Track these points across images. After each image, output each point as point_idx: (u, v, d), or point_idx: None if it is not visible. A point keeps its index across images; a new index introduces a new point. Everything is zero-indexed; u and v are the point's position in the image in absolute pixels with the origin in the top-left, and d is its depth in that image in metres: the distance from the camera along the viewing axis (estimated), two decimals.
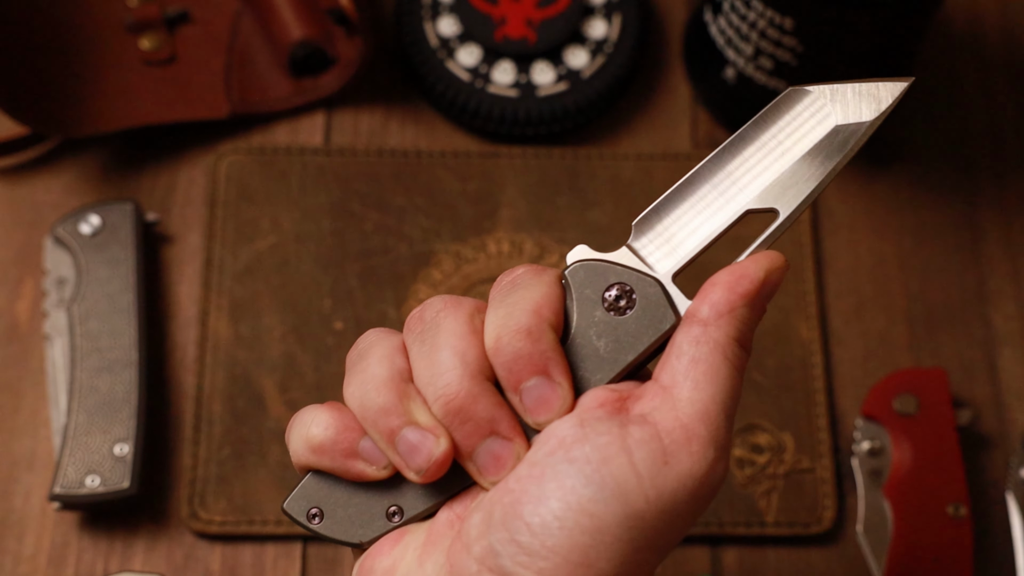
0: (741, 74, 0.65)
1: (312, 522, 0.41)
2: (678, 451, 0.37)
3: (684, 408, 0.37)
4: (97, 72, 0.67)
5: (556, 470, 0.37)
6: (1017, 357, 0.65)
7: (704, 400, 0.38)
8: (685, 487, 0.37)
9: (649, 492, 0.36)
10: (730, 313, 0.39)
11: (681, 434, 0.37)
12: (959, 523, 0.59)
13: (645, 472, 0.36)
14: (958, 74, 0.72)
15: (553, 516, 0.36)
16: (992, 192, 0.69)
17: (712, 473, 0.37)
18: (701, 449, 0.37)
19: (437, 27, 0.69)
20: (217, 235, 0.66)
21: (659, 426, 0.37)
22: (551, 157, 0.68)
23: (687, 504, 0.37)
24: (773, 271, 0.40)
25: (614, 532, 0.36)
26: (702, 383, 0.38)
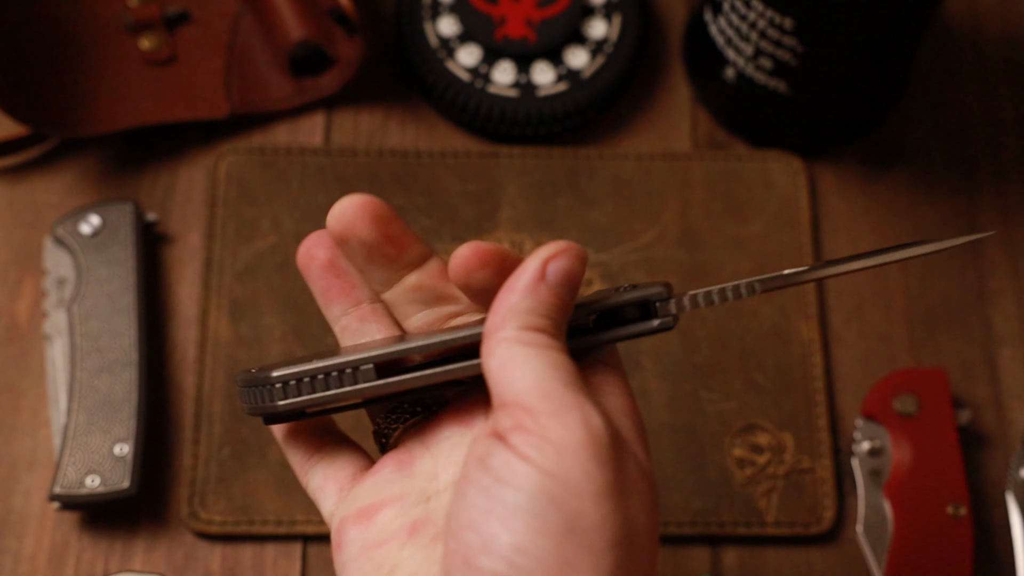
0: (741, 74, 0.65)
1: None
2: (552, 430, 0.35)
3: (524, 401, 0.36)
4: (97, 72, 0.67)
5: (480, 507, 0.35)
6: (1017, 357, 0.65)
7: (531, 382, 0.36)
8: (586, 458, 0.35)
9: (567, 484, 0.35)
10: (510, 310, 0.38)
11: (543, 417, 0.36)
12: (959, 523, 0.59)
13: (549, 466, 0.35)
14: (958, 74, 0.72)
15: (512, 550, 0.34)
16: (992, 192, 0.69)
17: (594, 430, 0.36)
18: (565, 416, 0.36)
19: (437, 27, 0.69)
20: (217, 235, 0.66)
21: (525, 424, 0.36)
22: (551, 157, 0.68)
23: (603, 474, 0.35)
24: (551, 257, 0.39)
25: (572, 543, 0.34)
26: (517, 374, 0.37)
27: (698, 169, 0.68)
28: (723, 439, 0.62)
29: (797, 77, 0.63)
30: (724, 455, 0.62)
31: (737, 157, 0.68)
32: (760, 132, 0.69)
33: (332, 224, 0.43)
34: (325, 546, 0.61)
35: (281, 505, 0.60)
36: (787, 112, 0.66)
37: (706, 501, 0.61)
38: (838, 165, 0.69)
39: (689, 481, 0.61)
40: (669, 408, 0.63)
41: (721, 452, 0.62)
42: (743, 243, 0.66)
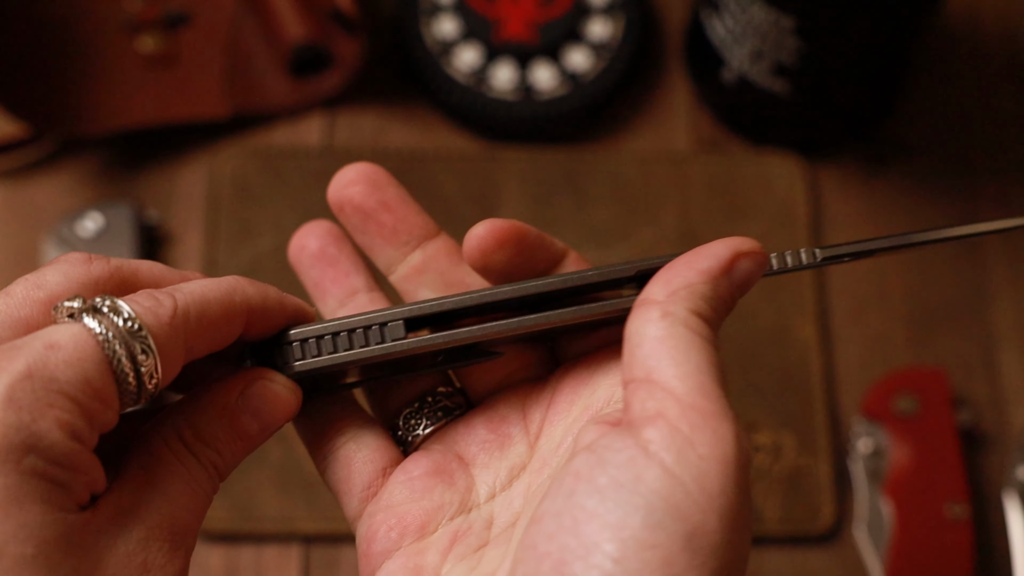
0: (741, 74, 0.65)
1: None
2: (700, 436, 0.32)
3: (677, 388, 0.32)
4: (97, 72, 0.67)
5: (587, 509, 0.31)
6: (1017, 357, 0.65)
7: (692, 373, 0.33)
8: (727, 475, 0.31)
9: (699, 497, 0.31)
10: (687, 288, 0.34)
11: (693, 416, 0.32)
12: (959, 523, 0.59)
13: (685, 474, 0.31)
14: (958, 74, 0.72)
15: (613, 561, 0.30)
16: (992, 192, 0.69)
17: (741, 449, 0.32)
18: (720, 424, 0.32)
19: (437, 28, 0.69)
20: (217, 235, 0.66)
21: (668, 416, 0.32)
22: (551, 157, 0.68)
23: (736, 497, 0.31)
24: (743, 254, 0.36)
25: (684, 559, 0.30)
26: (679, 358, 0.33)
27: (698, 169, 0.68)
28: None
29: (797, 77, 0.63)
30: None
31: (737, 157, 0.68)
32: (760, 132, 0.69)
33: (330, 194, 0.41)
34: (325, 546, 0.61)
35: (281, 505, 0.60)
36: (787, 112, 0.66)
37: None
38: (838, 165, 0.69)
39: None
40: None
41: None
42: None
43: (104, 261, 0.34)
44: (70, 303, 0.31)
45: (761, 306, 0.65)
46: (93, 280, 0.34)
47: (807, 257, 0.38)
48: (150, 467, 0.33)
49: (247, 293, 0.35)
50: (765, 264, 0.37)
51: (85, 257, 0.34)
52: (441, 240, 0.41)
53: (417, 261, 0.41)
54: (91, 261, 0.34)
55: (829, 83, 0.64)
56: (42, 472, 0.29)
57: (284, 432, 0.62)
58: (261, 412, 0.36)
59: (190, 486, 0.33)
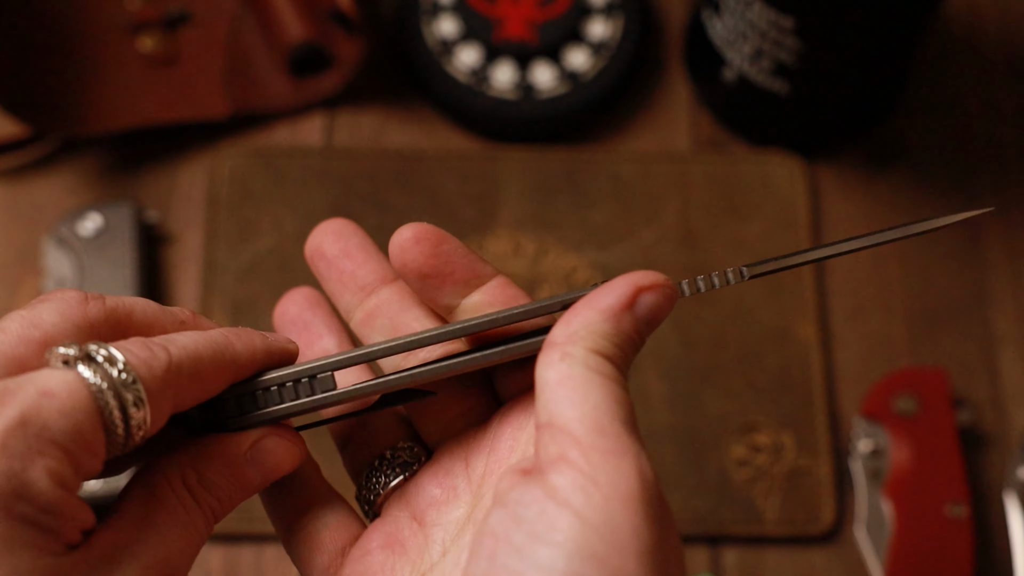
0: (741, 74, 0.65)
1: None
2: (604, 476, 0.32)
3: (576, 429, 0.32)
4: (97, 72, 0.67)
5: (510, 568, 0.31)
6: (1017, 357, 0.65)
7: (589, 412, 0.33)
8: (635, 512, 0.31)
9: (613, 540, 0.31)
10: (585, 327, 0.34)
11: (595, 455, 0.32)
12: (959, 523, 0.59)
13: (595, 517, 0.31)
14: (958, 74, 0.72)
15: None
16: (992, 192, 0.69)
17: (644, 483, 0.32)
18: (620, 462, 0.32)
19: (437, 28, 0.69)
20: (217, 235, 0.66)
21: (570, 460, 0.32)
22: (551, 157, 0.68)
23: (650, 533, 0.31)
24: (644, 288, 0.35)
25: None
26: (576, 399, 0.33)
27: (698, 169, 0.68)
28: (723, 439, 0.62)
29: (797, 77, 0.63)
30: (724, 455, 0.62)
31: (737, 157, 0.68)
32: (760, 132, 0.69)
33: (307, 247, 0.42)
34: None
35: None
36: (787, 112, 0.66)
37: (706, 501, 0.61)
38: (838, 165, 0.69)
39: (689, 481, 0.61)
40: (669, 408, 0.63)
41: (721, 452, 0.62)
42: (743, 243, 0.66)
43: (100, 302, 0.34)
44: (65, 349, 0.31)
45: (761, 306, 0.65)
46: (88, 322, 0.34)
47: (734, 276, 0.38)
48: (150, 506, 0.33)
49: (235, 350, 0.35)
50: (673, 296, 0.36)
51: (81, 297, 0.34)
52: (395, 286, 0.41)
53: (371, 306, 0.41)
54: (87, 302, 0.34)
55: (829, 83, 0.64)
56: (31, 518, 0.29)
57: None
58: (266, 466, 0.36)
59: (187, 528, 0.34)
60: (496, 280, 0.40)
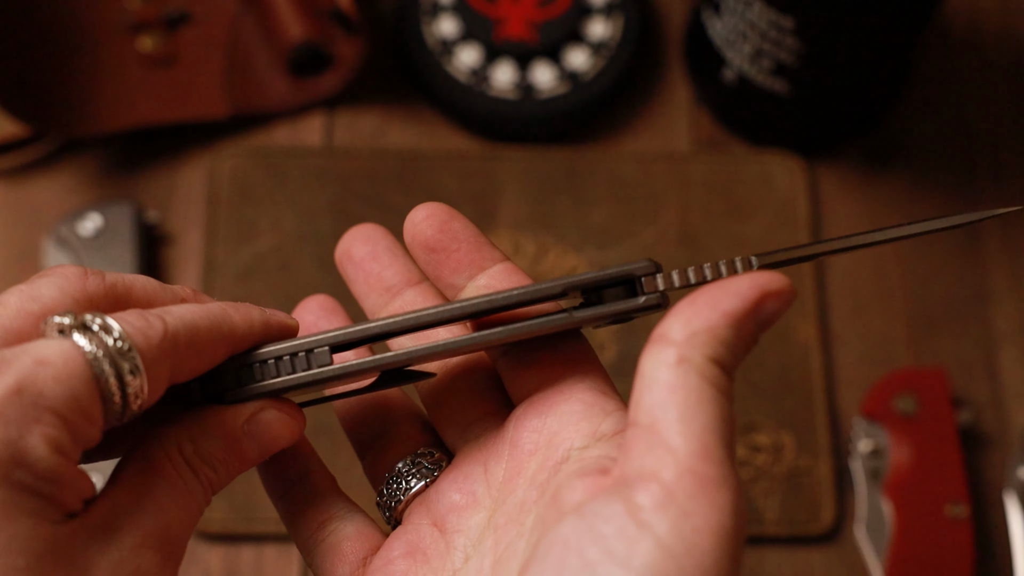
0: (741, 74, 0.65)
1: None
2: (697, 507, 0.30)
3: (680, 447, 0.31)
4: (97, 72, 0.67)
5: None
6: (1017, 357, 0.65)
7: (697, 432, 0.31)
8: (722, 548, 0.30)
9: (692, 572, 0.30)
10: (708, 331, 0.32)
11: (691, 482, 0.30)
12: (959, 523, 0.59)
13: (677, 547, 0.30)
14: (958, 74, 0.72)
15: None
16: (992, 192, 0.69)
17: (739, 519, 0.30)
18: (718, 493, 0.30)
19: (437, 28, 0.69)
20: (217, 235, 0.66)
21: (663, 480, 0.30)
22: (551, 157, 0.68)
23: (730, 568, 0.30)
24: (771, 296, 0.33)
25: None
26: (687, 413, 0.31)
27: (698, 169, 0.68)
28: None
29: (797, 77, 0.63)
30: None
31: (737, 157, 0.68)
32: (760, 132, 0.69)
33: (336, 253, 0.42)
34: None
35: None
36: (787, 112, 0.66)
37: None
38: (838, 165, 0.69)
39: None
40: None
41: None
42: (743, 243, 0.66)
43: (99, 277, 0.34)
44: (60, 319, 0.31)
45: None
46: (88, 296, 0.34)
47: (742, 265, 0.36)
48: (147, 476, 0.33)
49: (233, 322, 0.35)
50: (792, 302, 0.34)
51: (81, 271, 0.34)
52: (420, 287, 0.41)
53: (395, 307, 0.41)
54: (87, 276, 0.34)
55: (829, 83, 0.64)
56: (30, 486, 0.29)
57: None
58: (264, 439, 0.36)
59: (185, 498, 0.33)
60: (503, 265, 0.39)
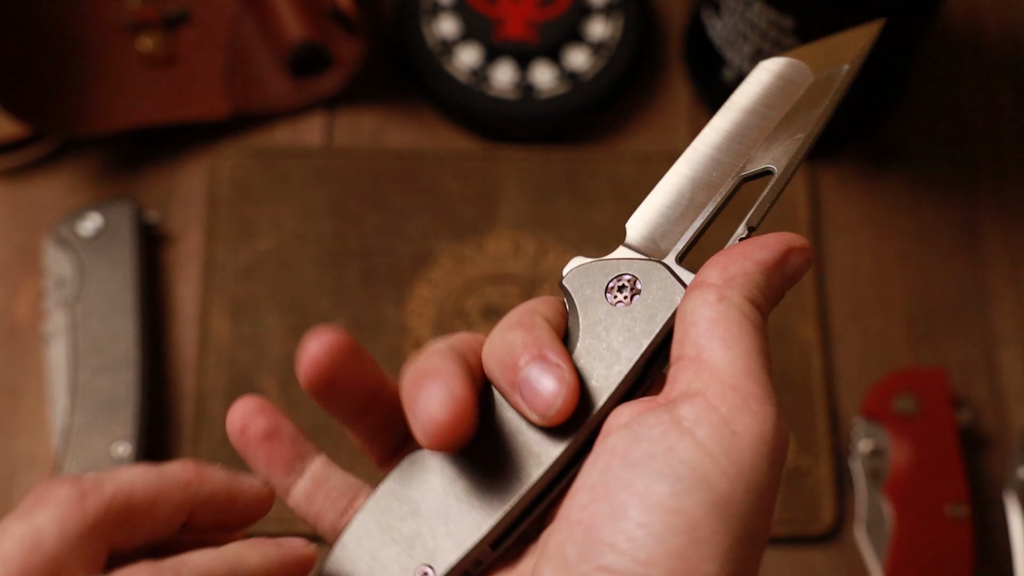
0: (741, 74, 0.65)
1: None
2: (739, 415, 0.33)
3: (724, 368, 0.33)
4: (97, 72, 0.67)
5: (620, 479, 0.32)
6: (1017, 357, 0.65)
7: (740, 356, 0.34)
8: (759, 453, 0.33)
9: (728, 469, 0.32)
10: (743, 275, 0.35)
11: (734, 396, 0.33)
12: (959, 523, 0.59)
13: (716, 448, 0.32)
14: (958, 74, 0.72)
15: (637, 525, 0.32)
16: (992, 192, 0.69)
17: (779, 430, 0.33)
18: (760, 406, 0.33)
19: (437, 28, 0.69)
20: (217, 235, 0.66)
21: (708, 396, 0.33)
22: (551, 157, 0.68)
23: (767, 473, 0.33)
24: (795, 251, 0.37)
25: (708, 524, 0.32)
26: (730, 340, 0.34)
27: None
28: None
29: None
30: None
31: None
32: None
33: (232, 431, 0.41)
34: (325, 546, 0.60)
35: (281, 505, 0.60)
36: None
37: None
38: (838, 165, 0.69)
39: None
40: None
41: None
42: None
43: (97, 495, 0.33)
44: None
45: None
46: (90, 526, 0.33)
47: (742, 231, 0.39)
48: None
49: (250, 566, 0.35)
50: (811, 262, 0.37)
51: (77, 494, 0.33)
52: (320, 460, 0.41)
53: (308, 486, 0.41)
54: (84, 499, 0.33)
55: None
56: None
57: None
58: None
59: None
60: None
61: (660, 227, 0.40)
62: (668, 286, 0.37)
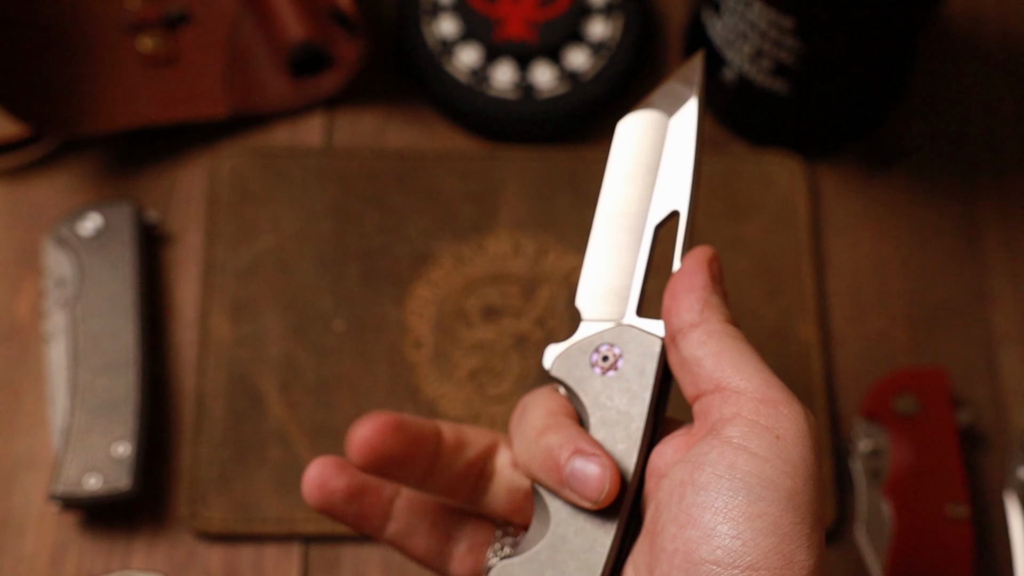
0: (741, 74, 0.65)
1: None
2: (776, 422, 0.38)
3: (747, 389, 0.38)
4: (97, 72, 0.67)
5: (698, 503, 0.37)
6: (1017, 357, 0.65)
7: (753, 373, 0.39)
8: (804, 446, 0.37)
9: (786, 468, 0.37)
10: (706, 305, 0.41)
11: (766, 408, 0.38)
12: (959, 523, 0.59)
13: (769, 453, 0.37)
14: (958, 74, 0.72)
15: (731, 537, 0.36)
16: (992, 192, 0.69)
17: (810, 421, 0.38)
18: (789, 408, 0.38)
19: (437, 28, 0.69)
20: (217, 235, 0.66)
21: (744, 415, 0.38)
22: (551, 157, 0.68)
23: (814, 461, 0.38)
24: (710, 259, 0.43)
25: (788, 519, 0.36)
26: (740, 364, 0.39)
27: None
28: None
29: (797, 77, 0.63)
30: None
31: (737, 157, 0.68)
32: (760, 132, 0.69)
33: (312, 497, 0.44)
34: (325, 546, 0.61)
35: (281, 505, 0.60)
36: (787, 112, 0.66)
37: None
38: (838, 165, 0.69)
39: None
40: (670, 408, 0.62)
41: None
42: (743, 243, 0.66)
43: None
44: None
45: (761, 307, 0.65)
46: None
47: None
48: None
49: None
50: (717, 256, 0.43)
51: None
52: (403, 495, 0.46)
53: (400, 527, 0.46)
54: None
55: (829, 83, 0.64)
56: None
57: (284, 431, 0.62)
58: None
59: None
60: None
61: (606, 295, 0.44)
62: (643, 340, 0.42)
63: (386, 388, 0.63)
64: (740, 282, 0.65)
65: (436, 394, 0.63)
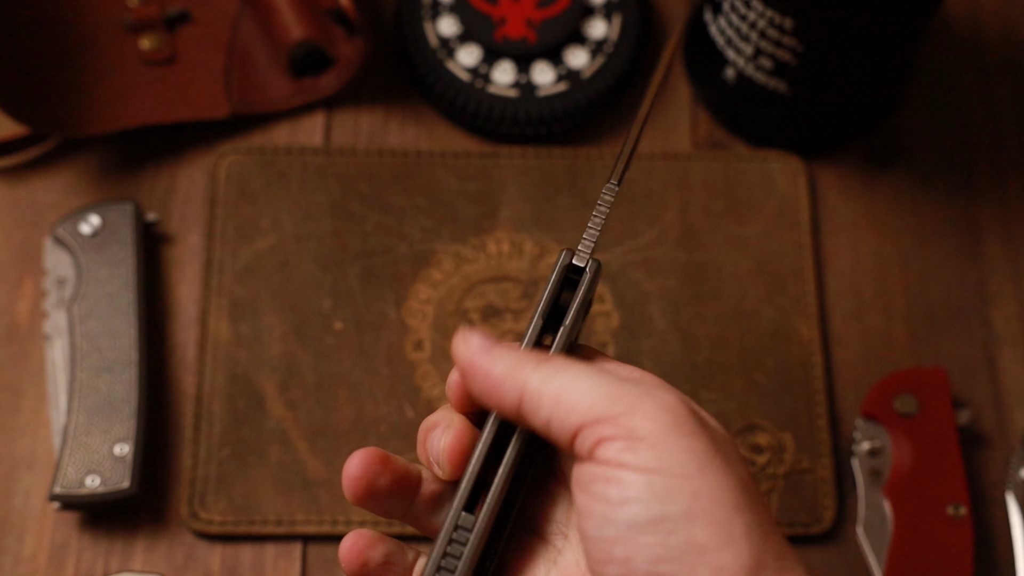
0: (741, 74, 0.65)
1: None
2: (637, 426, 0.36)
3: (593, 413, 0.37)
4: (97, 72, 0.67)
5: (605, 535, 0.36)
6: (1017, 357, 0.65)
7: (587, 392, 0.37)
8: (680, 435, 0.36)
9: (672, 470, 0.35)
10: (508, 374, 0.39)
11: (622, 419, 0.37)
12: (959, 523, 0.59)
13: (649, 462, 0.36)
14: (958, 74, 0.72)
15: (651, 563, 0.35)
16: (992, 192, 0.69)
17: (669, 409, 0.37)
18: (643, 407, 0.37)
19: (437, 27, 0.69)
20: (217, 235, 0.66)
21: (605, 437, 0.36)
22: (551, 157, 0.68)
23: (700, 440, 0.36)
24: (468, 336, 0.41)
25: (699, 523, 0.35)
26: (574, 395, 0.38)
27: (698, 169, 0.68)
28: None
29: (797, 77, 0.63)
30: None
31: (737, 157, 0.68)
32: (760, 132, 0.69)
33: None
34: (325, 546, 0.61)
35: (281, 505, 0.60)
36: (787, 112, 0.66)
37: None
38: (838, 165, 0.69)
39: None
40: None
41: None
42: (743, 243, 0.66)
43: None
44: None
45: (762, 307, 0.65)
46: None
47: (610, 196, 0.47)
48: None
49: None
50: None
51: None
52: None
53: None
54: None
55: (829, 83, 0.64)
56: None
57: (284, 431, 0.62)
58: None
59: None
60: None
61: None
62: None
63: (386, 388, 0.63)
64: (740, 282, 0.65)
65: (436, 394, 0.63)
